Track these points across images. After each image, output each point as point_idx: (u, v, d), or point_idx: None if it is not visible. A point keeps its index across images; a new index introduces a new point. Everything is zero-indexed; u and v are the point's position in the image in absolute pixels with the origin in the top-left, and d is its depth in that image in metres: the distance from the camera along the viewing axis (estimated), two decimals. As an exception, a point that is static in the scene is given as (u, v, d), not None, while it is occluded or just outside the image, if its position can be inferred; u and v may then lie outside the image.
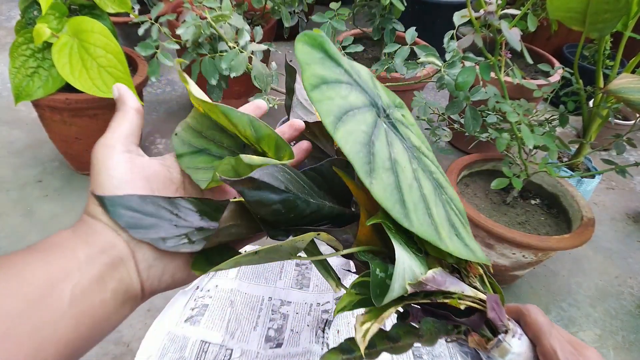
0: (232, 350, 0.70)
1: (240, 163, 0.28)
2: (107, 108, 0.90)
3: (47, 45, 0.81)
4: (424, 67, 0.79)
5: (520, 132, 0.73)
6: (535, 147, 0.77)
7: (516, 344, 0.32)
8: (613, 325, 0.85)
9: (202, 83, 0.84)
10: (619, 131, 0.87)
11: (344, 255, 0.34)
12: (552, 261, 0.97)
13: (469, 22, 0.66)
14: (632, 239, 1.07)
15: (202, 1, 0.74)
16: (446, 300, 0.30)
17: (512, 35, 0.59)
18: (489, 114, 0.84)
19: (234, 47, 0.74)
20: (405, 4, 0.96)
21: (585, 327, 0.84)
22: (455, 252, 0.29)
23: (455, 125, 0.92)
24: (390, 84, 0.94)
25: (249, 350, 0.70)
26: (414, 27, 0.83)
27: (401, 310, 0.32)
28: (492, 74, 0.73)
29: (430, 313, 0.32)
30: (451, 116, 0.87)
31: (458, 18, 0.69)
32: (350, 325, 0.75)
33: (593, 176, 0.96)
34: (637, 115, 0.84)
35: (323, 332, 0.72)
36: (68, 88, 0.81)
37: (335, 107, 0.26)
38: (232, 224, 0.30)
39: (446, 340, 0.34)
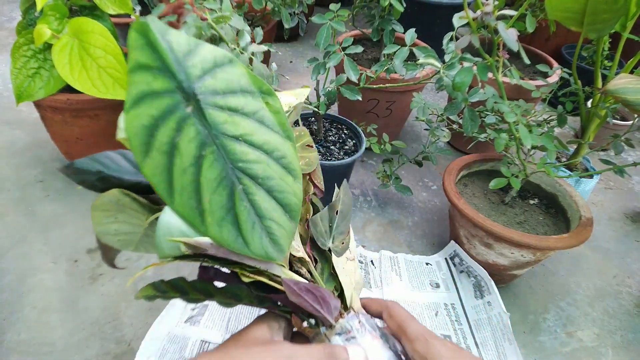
0: (232, 349, 0.71)
1: None
2: (109, 109, 0.91)
3: (48, 46, 0.81)
4: (423, 68, 0.80)
5: (518, 133, 0.73)
6: (534, 147, 0.78)
7: (339, 343, 0.34)
8: (611, 324, 0.85)
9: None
10: (617, 131, 0.88)
11: None
12: (550, 261, 0.98)
13: (468, 23, 0.66)
14: (631, 238, 1.07)
15: (202, 2, 0.74)
16: (236, 270, 0.35)
17: (509, 35, 0.59)
18: (488, 115, 0.84)
19: (235, 48, 0.74)
20: (405, 5, 0.97)
21: (584, 327, 0.84)
22: (216, 238, 0.31)
23: (454, 126, 0.93)
24: (389, 84, 0.95)
25: (249, 349, 0.71)
26: (414, 29, 0.84)
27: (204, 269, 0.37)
28: (490, 75, 0.73)
29: (238, 282, 0.36)
30: (450, 117, 0.88)
31: (457, 19, 0.70)
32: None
33: (591, 176, 0.96)
34: (635, 115, 0.84)
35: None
36: (69, 89, 0.82)
37: (135, 91, 0.29)
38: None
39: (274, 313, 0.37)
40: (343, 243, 0.41)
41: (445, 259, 0.92)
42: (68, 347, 0.70)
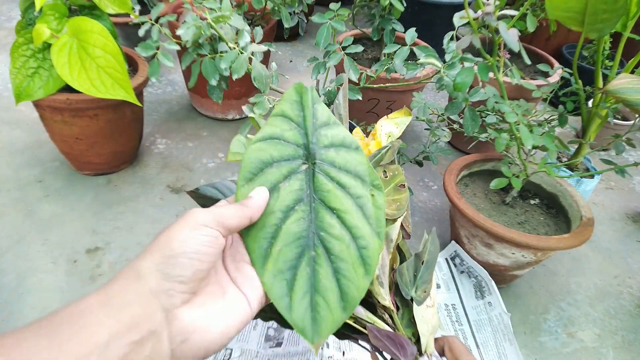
0: (231, 350, 0.70)
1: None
2: (108, 108, 0.91)
3: (48, 46, 0.81)
4: (424, 67, 0.79)
5: (519, 132, 0.73)
6: (535, 147, 0.78)
7: None
8: (612, 324, 0.85)
9: (202, 83, 0.84)
10: (618, 131, 0.88)
11: None
12: (551, 261, 0.98)
13: (469, 23, 0.66)
14: (631, 238, 1.07)
15: (202, 2, 0.74)
16: None
17: (510, 35, 0.59)
18: (488, 114, 0.84)
19: (234, 48, 0.74)
20: (405, 5, 0.96)
21: (585, 327, 0.84)
22: (266, 285, 0.32)
23: (455, 126, 0.92)
24: (389, 84, 0.95)
25: (249, 350, 0.70)
26: (414, 28, 0.83)
27: None
28: (491, 75, 0.73)
29: None
30: (450, 116, 0.87)
31: (458, 19, 0.69)
32: (349, 325, 0.75)
33: (592, 176, 0.96)
34: (636, 115, 0.84)
35: (323, 331, 0.72)
36: (69, 88, 0.82)
37: (269, 130, 0.34)
38: None
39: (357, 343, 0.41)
40: (425, 292, 0.42)
41: (446, 259, 0.91)
42: (67, 348, 0.70)
